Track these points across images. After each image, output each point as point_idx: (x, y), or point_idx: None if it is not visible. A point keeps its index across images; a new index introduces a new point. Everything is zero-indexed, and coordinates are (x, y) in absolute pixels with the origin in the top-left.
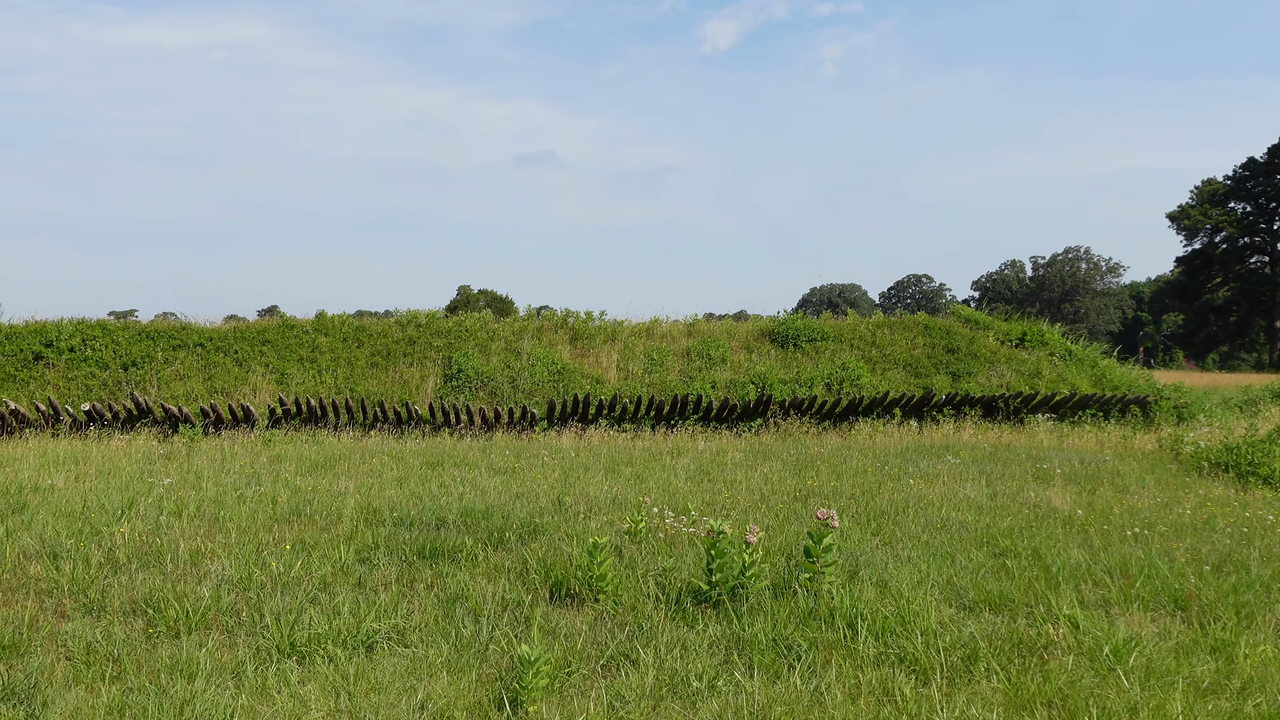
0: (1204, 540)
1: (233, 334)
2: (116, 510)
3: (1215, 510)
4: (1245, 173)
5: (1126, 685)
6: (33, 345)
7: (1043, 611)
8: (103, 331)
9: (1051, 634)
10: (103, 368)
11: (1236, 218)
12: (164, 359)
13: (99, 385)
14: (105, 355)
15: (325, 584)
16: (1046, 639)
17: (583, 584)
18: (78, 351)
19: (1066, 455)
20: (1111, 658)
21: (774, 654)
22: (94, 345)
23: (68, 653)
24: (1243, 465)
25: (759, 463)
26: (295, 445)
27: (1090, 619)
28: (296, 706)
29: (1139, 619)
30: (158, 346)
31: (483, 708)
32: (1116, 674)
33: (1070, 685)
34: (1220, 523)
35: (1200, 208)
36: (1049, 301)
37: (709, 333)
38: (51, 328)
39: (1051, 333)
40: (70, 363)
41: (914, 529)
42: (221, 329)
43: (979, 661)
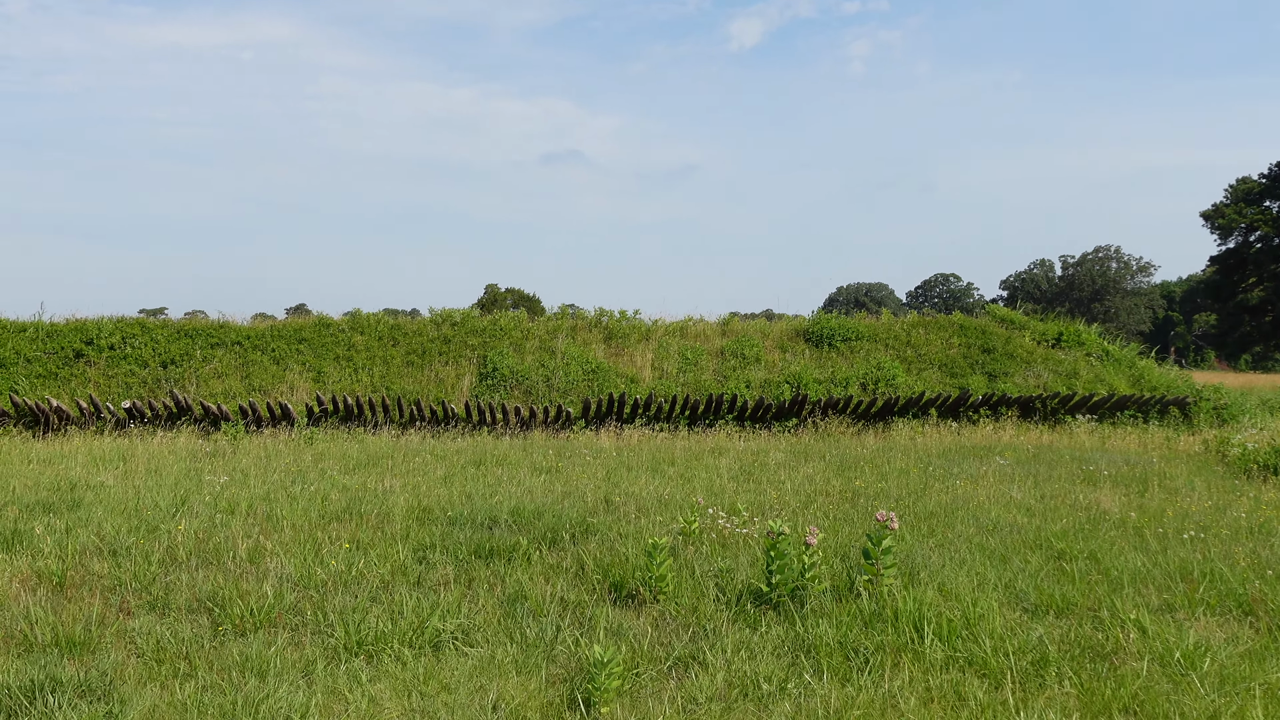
0: (1262, 544)
1: (270, 332)
2: (170, 508)
3: (1271, 514)
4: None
5: (1202, 691)
6: (73, 343)
7: (1107, 615)
8: (142, 330)
9: (1120, 638)
10: (142, 365)
11: (1272, 216)
12: (202, 357)
13: (138, 383)
14: (145, 353)
15: (384, 583)
16: (1115, 643)
17: (642, 585)
18: (117, 350)
19: (1111, 457)
20: (1183, 663)
21: (841, 657)
22: (133, 343)
23: (136, 650)
24: None
25: (801, 463)
26: (337, 443)
27: (1157, 623)
28: (370, 706)
29: (1205, 624)
30: (196, 345)
31: (555, 708)
32: (1190, 679)
33: (1145, 690)
34: (1278, 526)
35: (1235, 206)
36: (1079, 301)
37: (743, 332)
38: (92, 326)
39: (1088, 333)
40: (110, 360)
41: (965, 531)
42: (259, 327)
43: (1049, 666)
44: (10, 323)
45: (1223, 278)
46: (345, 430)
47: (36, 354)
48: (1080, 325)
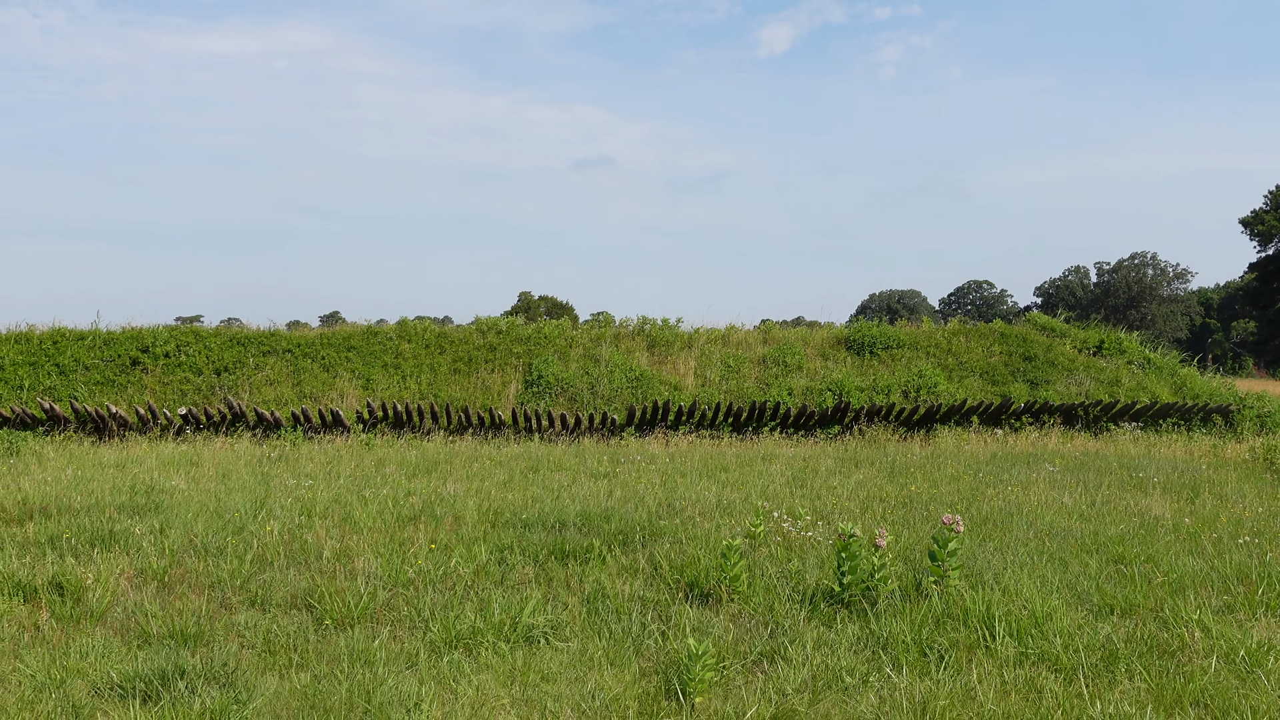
0: None
1: (319, 340)
2: (249, 510)
3: None
4: None
5: (1268, 687)
6: (130, 351)
7: (1169, 615)
8: (195, 338)
9: (1185, 637)
10: (196, 373)
11: None
12: (254, 364)
13: (193, 390)
14: (199, 361)
15: (469, 582)
16: (1180, 642)
17: (717, 584)
18: (172, 357)
19: (1158, 464)
20: (1247, 660)
21: (917, 653)
22: (188, 351)
23: (246, 642)
24: None
25: (852, 469)
26: (394, 449)
27: (1219, 623)
28: (478, 694)
29: (1266, 625)
30: (248, 352)
31: (651, 698)
32: (1256, 676)
33: (1213, 685)
34: None
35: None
36: (1114, 308)
37: (784, 340)
38: (147, 334)
39: (1130, 340)
40: (165, 368)
41: (1021, 535)
42: (308, 335)
43: (1118, 662)
44: (70, 331)
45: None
46: (396, 436)
47: (95, 361)
48: (1121, 333)
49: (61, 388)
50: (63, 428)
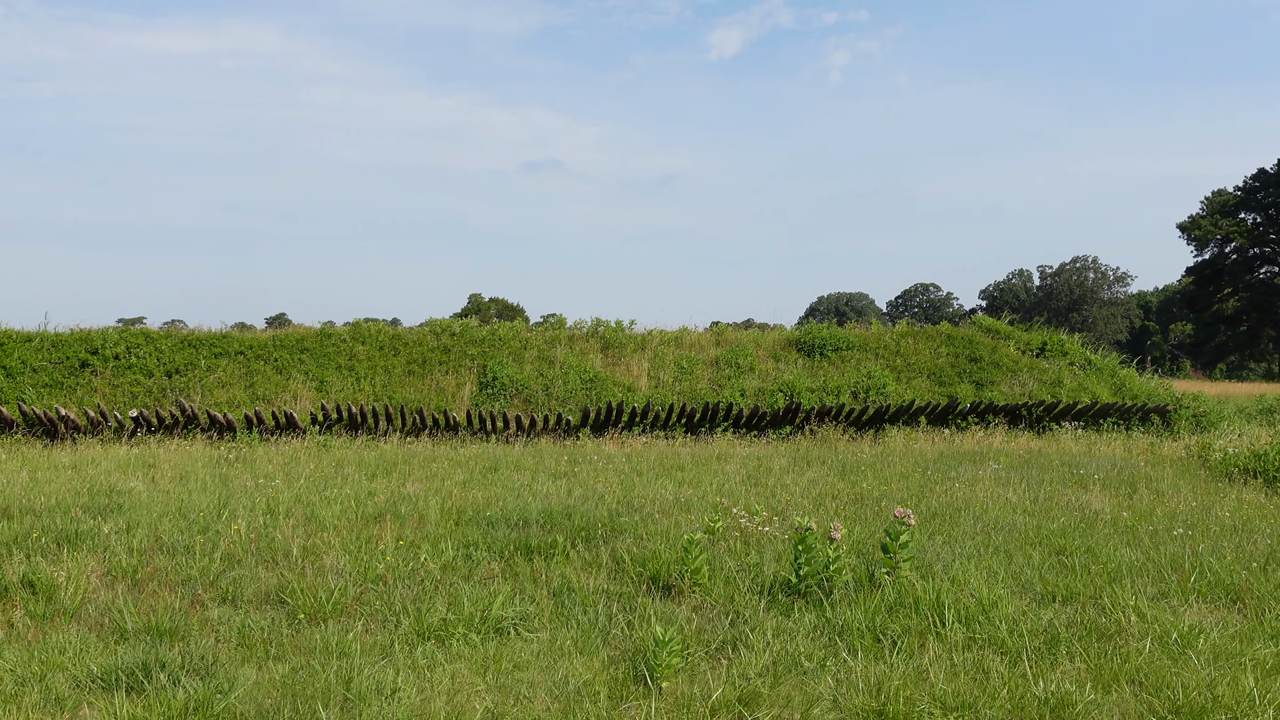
0: (1246, 540)
1: (272, 342)
2: (212, 510)
3: (1252, 513)
4: (1256, 184)
5: (1198, 666)
6: (79, 353)
7: (1108, 602)
8: (146, 340)
9: (1122, 621)
10: (147, 375)
11: (1247, 228)
12: (206, 366)
13: (143, 392)
14: (149, 363)
15: (437, 578)
16: (1117, 626)
17: (679, 577)
18: (122, 359)
19: (1098, 462)
20: (1180, 642)
21: (871, 639)
22: (138, 353)
23: (221, 636)
24: (1270, 471)
25: (804, 468)
26: (352, 450)
27: (1154, 609)
28: (453, 682)
29: (1197, 610)
30: (200, 354)
31: (620, 683)
32: (1188, 656)
33: (1148, 665)
34: (1260, 524)
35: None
36: (1057, 311)
37: (736, 342)
38: (97, 336)
39: (1071, 342)
40: (116, 370)
41: (968, 529)
42: (261, 337)
43: (1060, 645)
44: (16, 333)
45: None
46: (352, 438)
47: (43, 364)
48: (1064, 335)
49: (9, 390)
50: (11, 431)
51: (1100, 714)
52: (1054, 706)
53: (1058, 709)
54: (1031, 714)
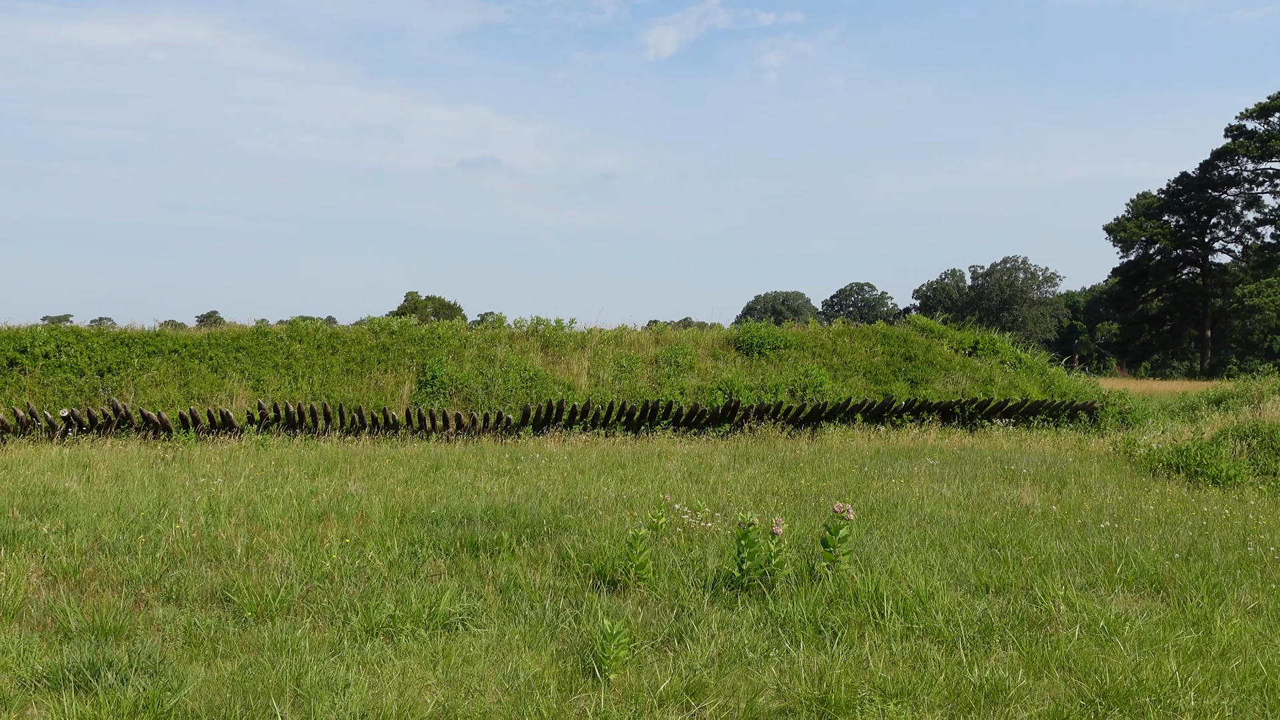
0: (1169, 532)
1: (207, 340)
2: (152, 510)
3: (1175, 506)
4: (1179, 187)
5: (1124, 651)
6: (6, 352)
7: (1039, 593)
8: (76, 338)
9: (1052, 610)
10: (78, 374)
11: (1170, 230)
12: (140, 365)
13: (74, 391)
14: (80, 362)
15: (384, 575)
16: (1048, 615)
17: (624, 573)
18: (52, 358)
19: (1028, 458)
20: (1107, 630)
21: (813, 630)
22: (69, 351)
23: (166, 636)
24: (1192, 466)
25: (744, 465)
26: (291, 449)
27: (1083, 599)
28: (403, 677)
29: (1123, 599)
30: (133, 353)
31: (569, 676)
32: (1114, 642)
33: (1076, 651)
34: (1182, 517)
35: (1135, 220)
36: (988, 310)
37: (676, 340)
38: (25, 334)
39: (1003, 341)
40: (45, 369)
41: (905, 524)
42: (196, 335)
43: (993, 634)
44: None
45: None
46: (290, 437)
47: None
48: (995, 334)
49: None
50: None
51: (1032, 699)
52: (989, 692)
53: (992, 694)
54: (967, 700)
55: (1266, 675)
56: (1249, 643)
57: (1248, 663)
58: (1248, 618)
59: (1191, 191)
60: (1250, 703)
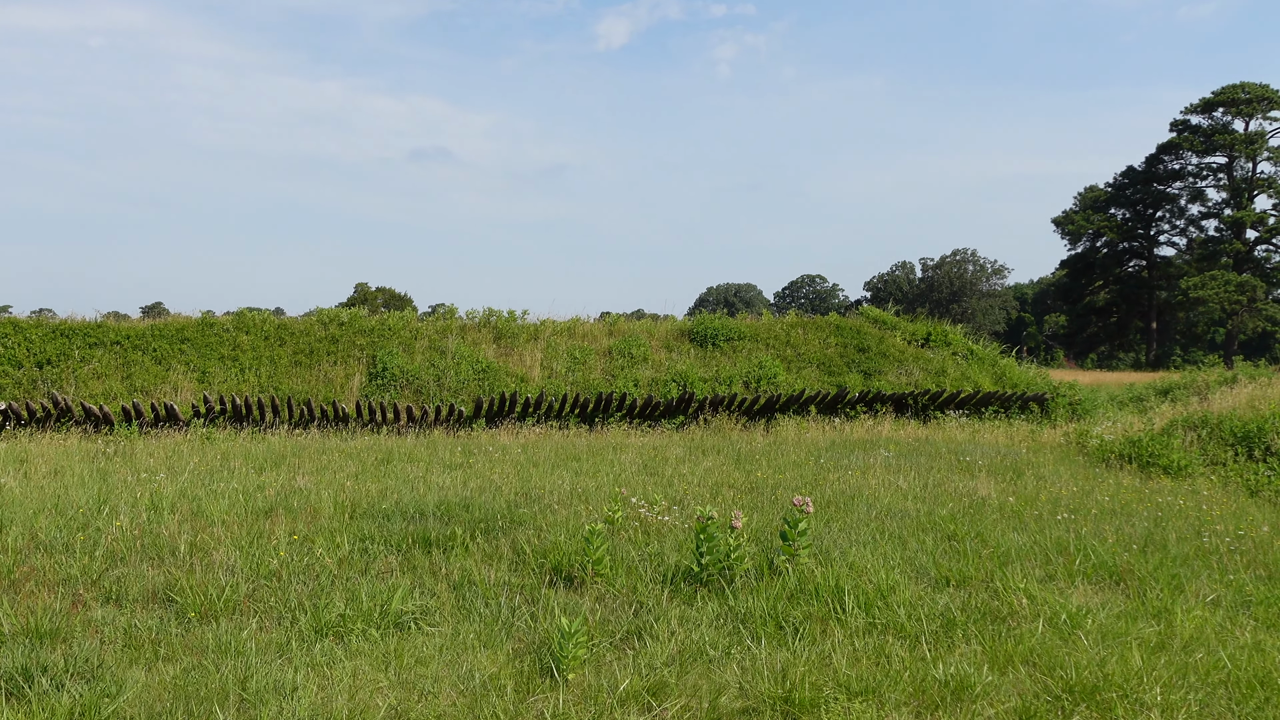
0: (1125, 523)
1: (150, 332)
2: (91, 506)
3: (1129, 497)
4: (1125, 180)
5: (1087, 645)
6: None
7: (999, 586)
8: (14, 329)
9: (1014, 604)
10: (16, 366)
11: (1116, 223)
12: (81, 357)
13: (12, 384)
14: (18, 353)
15: (333, 572)
16: (1009, 609)
17: (580, 568)
18: None
19: (983, 449)
20: (1069, 623)
21: (774, 625)
22: (6, 343)
23: (104, 638)
24: (1144, 457)
25: (699, 457)
26: (237, 443)
27: (1043, 591)
28: (353, 680)
29: (1083, 591)
30: (73, 344)
31: (526, 676)
32: (1077, 636)
33: (1040, 646)
34: (1137, 508)
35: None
36: (938, 302)
37: (629, 332)
38: None
39: (954, 333)
40: None
41: (862, 516)
42: (139, 326)
43: (956, 628)
44: None
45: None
46: (237, 431)
47: None
48: (947, 326)
49: None
50: None
51: (998, 695)
52: (954, 689)
53: (958, 691)
54: (933, 696)
55: (1230, 668)
56: (1211, 635)
57: (1210, 655)
58: (1207, 609)
59: (1137, 185)
60: (1215, 696)
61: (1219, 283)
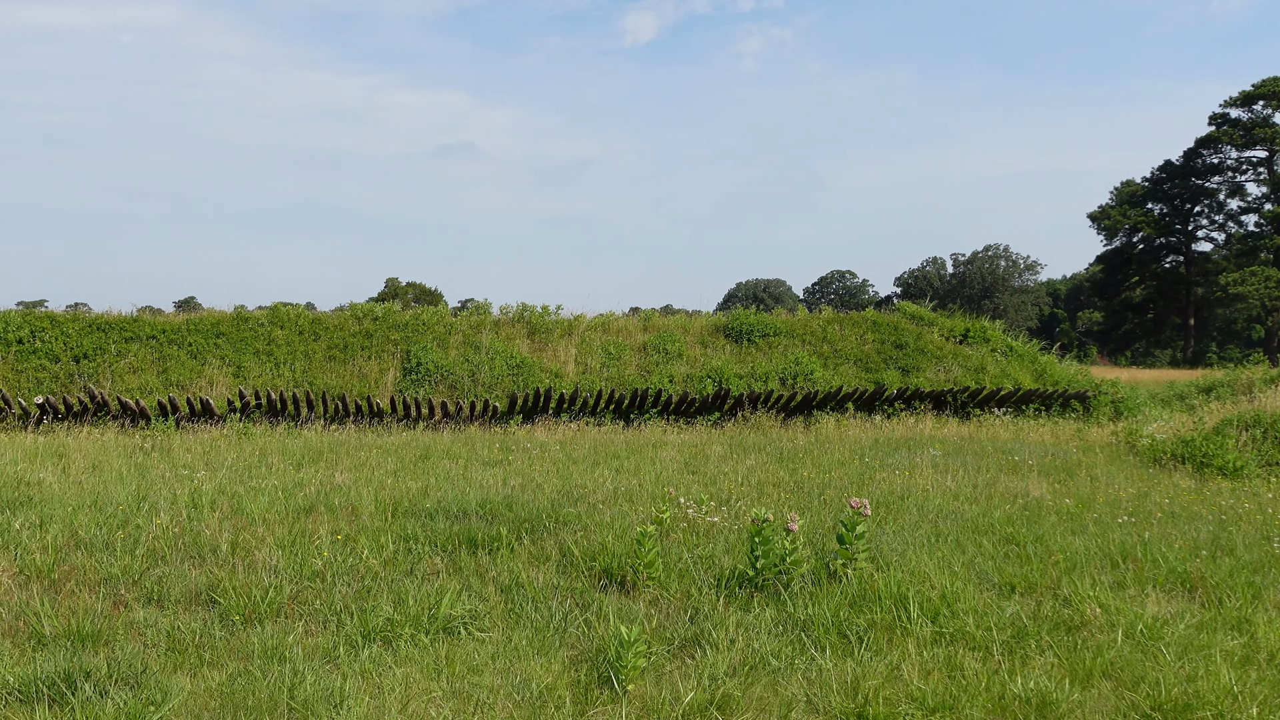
0: (1188, 528)
1: (186, 326)
2: (131, 503)
3: (1189, 500)
4: (1162, 175)
5: (1169, 659)
6: None
7: (1067, 593)
8: (51, 323)
9: (1086, 613)
10: (54, 360)
11: (1154, 218)
12: (117, 351)
13: (49, 378)
14: (55, 347)
15: (378, 573)
16: (1081, 618)
17: (632, 571)
18: (26, 344)
19: (1029, 448)
20: (1145, 634)
21: (837, 634)
22: (43, 337)
23: (147, 641)
24: (1198, 457)
25: (741, 456)
26: (273, 439)
27: (1116, 599)
28: (405, 689)
29: (1155, 599)
30: (110, 339)
31: (583, 686)
32: (1157, 648)
33: (1121, 659)
34: (1200, 511)
35: (1120, 208)
36: (969, 298)
37: (664, 327)
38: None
39: (993, 329)
40: (19, 355)
41: (914, 518)
42: (174, 321)
43: (1028, 639)
44: None
45: (1108, 276)
46: (272, 425)
47: None
48: (986, 322)
49: None
50: None
51: (1083, 713)
52: (1036, 705)
53: (1040, 708)
54: (1014, 713)
55: None
56: None
57: None
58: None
59: (1175, 180)
60: None
61: (1259, 279)
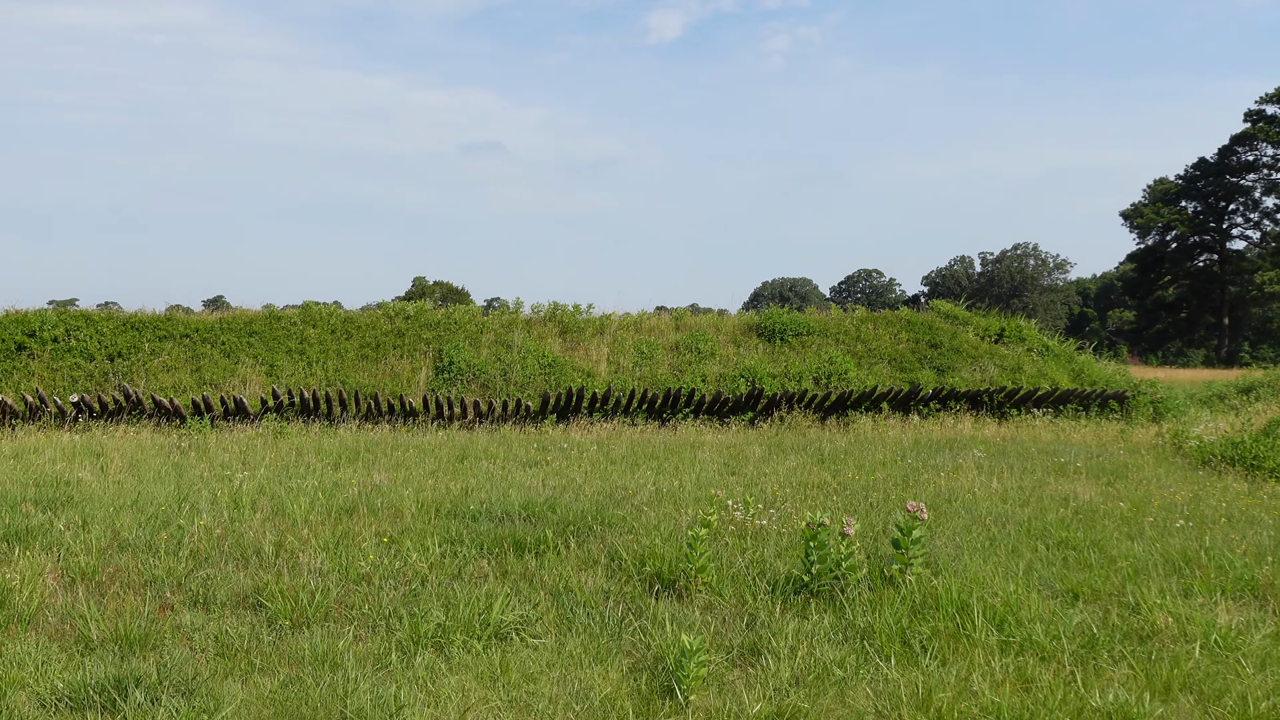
0: (1249, 532)
1: (219, 325)
2: (170, 503)
3: (1246, 503)
4: (1196, 173)
5: (1249, 671)
6: (15, 336)
7: (1133, 600)
8: (86, 322)
9: (1157, 622)
10: (88, 359)
11: (1187, 217)
12: (150, 350)
13: (84, 376)
14: (90, 346)
15: (424, 577)
16: (1152, 627)
17: (684, 576)
18: (61, 342)
19: (1073, 449)
20: (1220, 644)
21: (899, 643)
22: (78, 336)
23: (195, 645)
24: (1248, 459)
25: (781, 456)
26: (309, 438)
27: (1186, 608)
28: (461, 698)
29: (1226, 607)
30: (143, 337)
31: (644, 696)
32: (1235, 660)
33: (1200, 671)
34: (1259, 515)
35: (1152, 206)
36: (998, 297)
37: (696, 326)
38: (34, 317)
39: (1029, 328)
40: (55, 354)
41: (964, 521)
42: (207, 320)
43: (1099, 649)
44: None
45: (1140, 275)
46: (306, 424)
47: None
48: (1021, 321)
49: None
50: None
51: None
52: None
53: None
54: None
55: None
56: None
57: None
58: None
59: (1210, 177)
60: None
61: None
